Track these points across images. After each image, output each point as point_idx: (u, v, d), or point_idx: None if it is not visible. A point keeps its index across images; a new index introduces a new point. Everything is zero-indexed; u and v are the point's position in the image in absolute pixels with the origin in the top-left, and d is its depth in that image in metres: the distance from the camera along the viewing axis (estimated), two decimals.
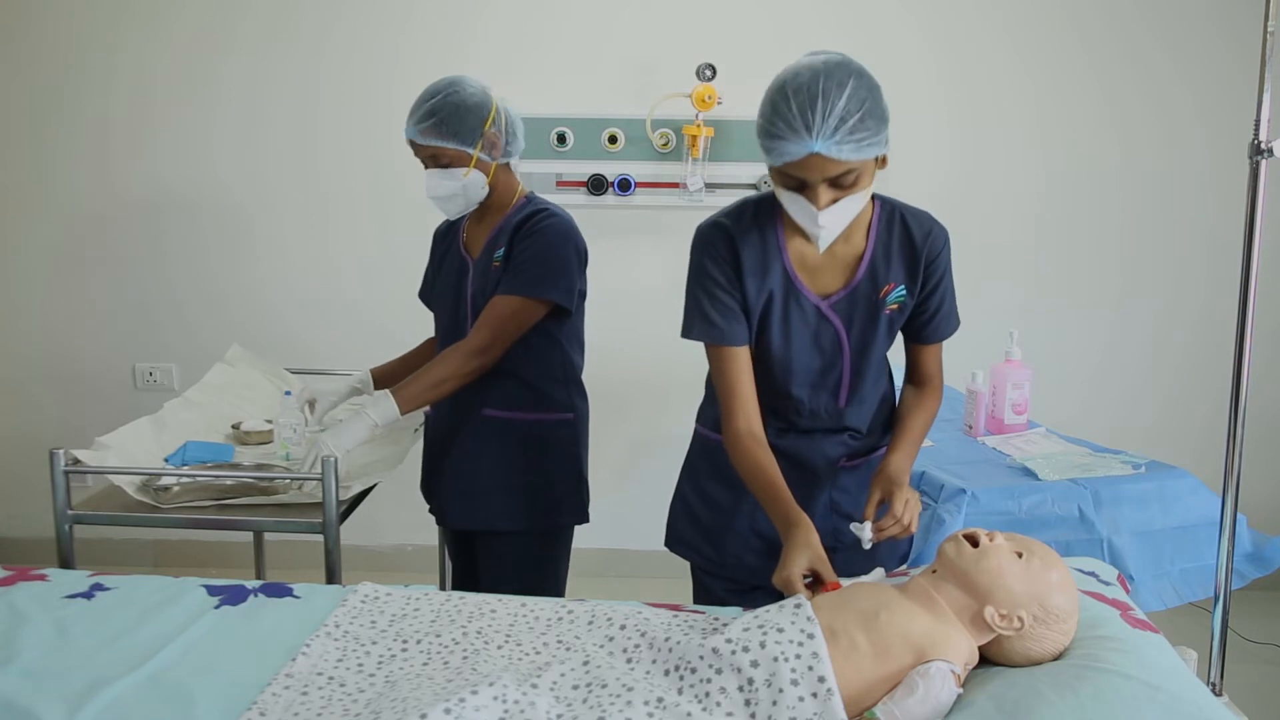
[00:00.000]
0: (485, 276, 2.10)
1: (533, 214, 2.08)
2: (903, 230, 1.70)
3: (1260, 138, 1.92)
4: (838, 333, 1.69)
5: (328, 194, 3.42)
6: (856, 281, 1.68)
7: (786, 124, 1.45)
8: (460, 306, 2.15)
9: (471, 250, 2.17)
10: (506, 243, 2.07)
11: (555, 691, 1.25)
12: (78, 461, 2.01)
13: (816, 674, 1.21)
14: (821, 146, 1.44)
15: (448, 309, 2.19)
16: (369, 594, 1.60)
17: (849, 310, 1.68)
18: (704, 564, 1.86)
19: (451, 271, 2.19)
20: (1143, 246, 3.42)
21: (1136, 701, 1.18)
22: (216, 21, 3.32)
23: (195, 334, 3.46)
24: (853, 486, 1.80)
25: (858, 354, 1.70)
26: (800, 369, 1.70)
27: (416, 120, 2.04)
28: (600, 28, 3.31)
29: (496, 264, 2.08)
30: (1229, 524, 2.01)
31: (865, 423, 1.78)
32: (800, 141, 1.45)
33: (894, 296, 1.69)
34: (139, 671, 1.38)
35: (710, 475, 1.83)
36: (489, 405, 2.11)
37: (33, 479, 2.40)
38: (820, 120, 1.43)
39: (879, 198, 1.71)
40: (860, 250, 1.67)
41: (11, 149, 3.42)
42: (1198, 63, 3.29)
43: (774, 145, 1.48)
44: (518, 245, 2.06)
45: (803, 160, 1.46)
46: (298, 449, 2.27)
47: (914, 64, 3.32)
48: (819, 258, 1.67)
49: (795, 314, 1.68)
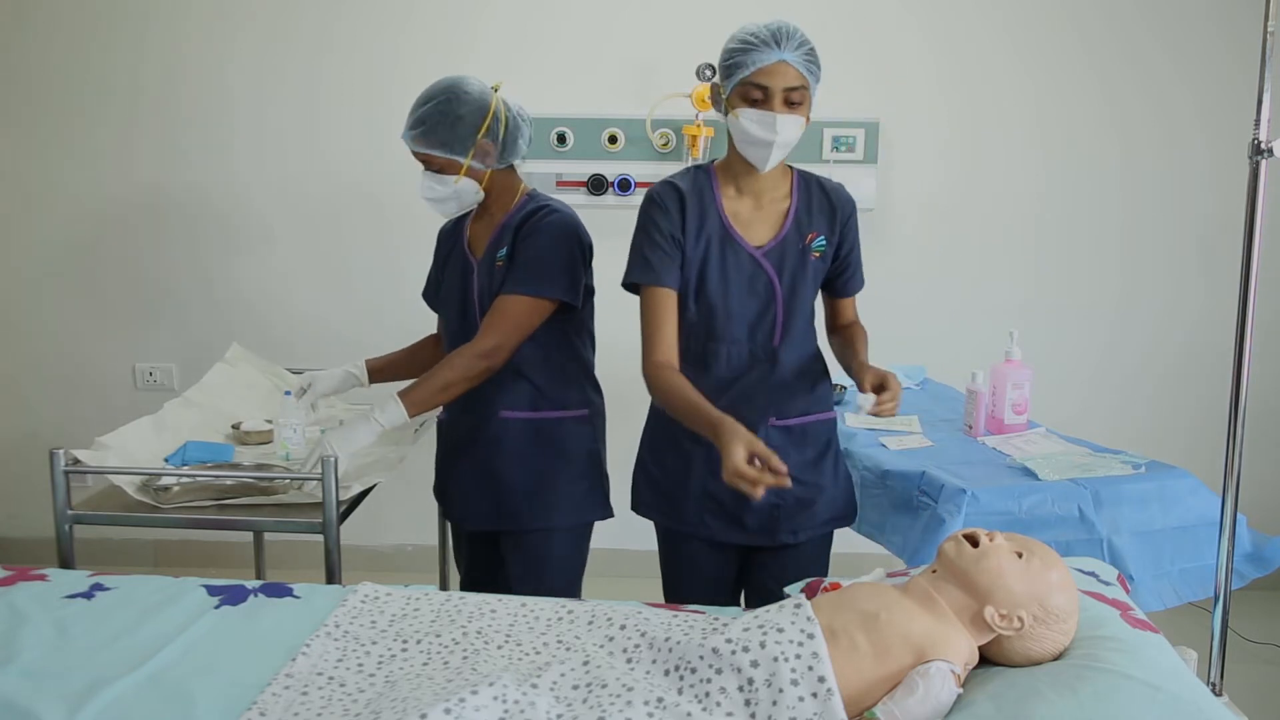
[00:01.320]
0: (490, 276, 2.09)
1: (534, 212, 2.08)
2: (820, 191, 1.96)
3: (1260, 138, 1.92)
4: (770, 279, 1.89)
5: (328, 194, 3.42)
6: (785, 232, 1.91)
7: (760, 40, 1.75)
8: (467, 307, 2.14)
9: (475, 250, 2.17)
10: (509, 241, 2.07)
11: (555, 691, 1.25)
12: (78, 461, 2.01)
13: (816, 674, 1.21)
14: (789, 56, 1.75)
15: (453, 309, 2.18)
16: (369, 594, 1.60)
17: (780, 258, 1.90)
18: (671, 524, 2.00)
19: (456, 271, 2.18)
20: (1142, 246, 3.42)
21: (1136, 701, 1.18)
22: (217, 22, 3.32)
23: (195, 334, 3.46)
24: (789, 446, 1.91)
25: (789, 296, 1.90)
26: (738, 311, 1.89)
27: (409, 126, 2.05)
28: (600, 28, 3.31)
29: (500, 263, 2.08)
30: (1229, 524, 2.00)
31: (794, 365, 1.94)
32: (771, 51, 1.74)
33: (816, 244, 1.92)
34: (139, 671, 1.38)
35: (664, 444, 1.99)
36: (505, 407, 2.10)
37: (33, 479, 2.40)
38: (786, 39, 1.75)
39: (796, 169, 1.97)
40: (786, 207, 1.92)
41: (12, 149, 3.42)
42: (1198, 63, 3.29)
43: (744, 58, 1.76)
44: (520, 244, 2.06)
45: (771, 66, 1.75)
46: (298, 449, 2.27)
47: (914, 64, 3.32)
48: (750, 213, 1.91)
49: (732, 262, 1.89)
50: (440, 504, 2.33)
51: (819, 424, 1.99)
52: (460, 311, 2.16)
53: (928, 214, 3.40)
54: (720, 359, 1.91)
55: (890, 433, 2.42)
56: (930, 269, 3.42)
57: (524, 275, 2.03)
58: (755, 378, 1.91)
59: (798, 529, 1.96)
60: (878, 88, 3.30)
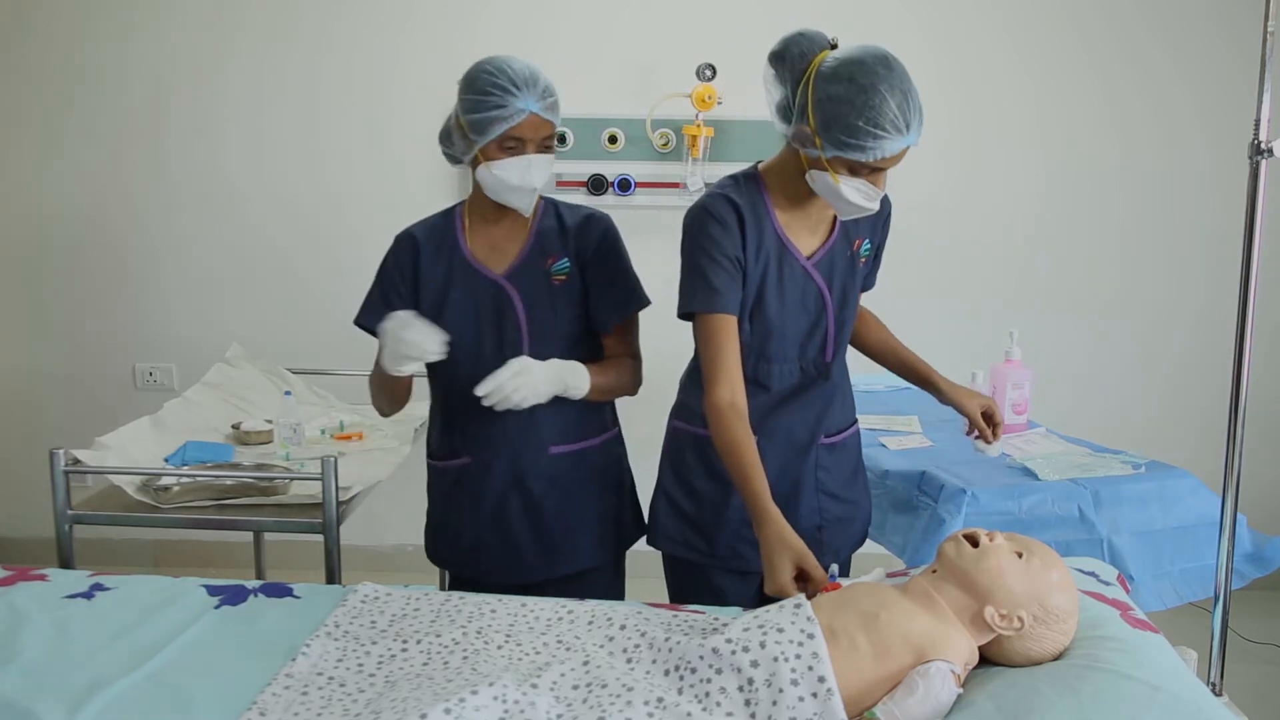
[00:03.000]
0: (549, 293, 1.88)
1: (588, 217, 1.93)
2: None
3: (1260, 138, 1.92)
4: (820, 290, 1.79)
5: (328, 194, 3.42)
6: (833, 240, 1.80)
7: (894, 126, 1.56)
8: (505, 332, 1.87)
9: (489, 263, 1.89)
10: (568, 251, 1.89)
11: (555, 691, 1.25)
12: (78, 461, 2.01)
13: (816, 674, 1.21)
14: (914, 140, 1.59)
15: (470, 334, 1.87)
16: (369, 594, 1.60)
17: (829, 267, 1.80)
18: (698, 557, 1.86)
19: (466, 290, 1.88)
20: (1143, 247, 3.42)
21: (1136, 701, 1.18)
22: (219, 22, 3.32)
23: (195, 334, 3.46)
24: (834, 465, 1.87)
25: (840, 307, 1.82)
26: (793, 329, 1.79)
27: (540, 95, 1.77)
28: (600, 28, 3.31)
29: (561, 278, 1.88)
30: (1229, 524, 2.00)
31: (843, 381, 1.89)
32: (900, 139, 1.57)
33: (863, 250, 1.85)
34: (139, 671, 1.38)
35: (696, 470, 1.84)
36: (555, 442, 1.90)
37: (33, 479, 2.40)
38: (917, 119, 1.58)
39: None
40: (832, 212, 1.78)
41: (12, 149, 3.42)
42: (1198, 63, 3.29)
43: (876, 145, 1.56)
44: (602, 255, 1.90)
45: (899, 154, 1.60)
46: (298, 449, 2.28)
47: (914, 64, 3.26)
48: (800, 222, 1.79)
49: (788, 276, 1.77)
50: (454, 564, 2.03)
51: (853, 436, 1.92)
52: (494, 334, 1.87)
53: (928, 214, 3.40)
54: (773, 379, 1.79)
55: (890, 433, 2.42)
56: (930, 269, 3.42)
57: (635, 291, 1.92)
58: (806, 397, 1.82)
59: (840, 548, 1.88)
60: None
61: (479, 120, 1.75)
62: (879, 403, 2.65)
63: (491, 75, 1.74)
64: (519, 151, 1.77)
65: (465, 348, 1.86)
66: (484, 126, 1.75)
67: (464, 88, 1.78)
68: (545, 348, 1.86)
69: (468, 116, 1.77)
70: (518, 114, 1.74)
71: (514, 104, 1.73)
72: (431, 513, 2.03)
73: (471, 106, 1.76)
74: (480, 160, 1.79)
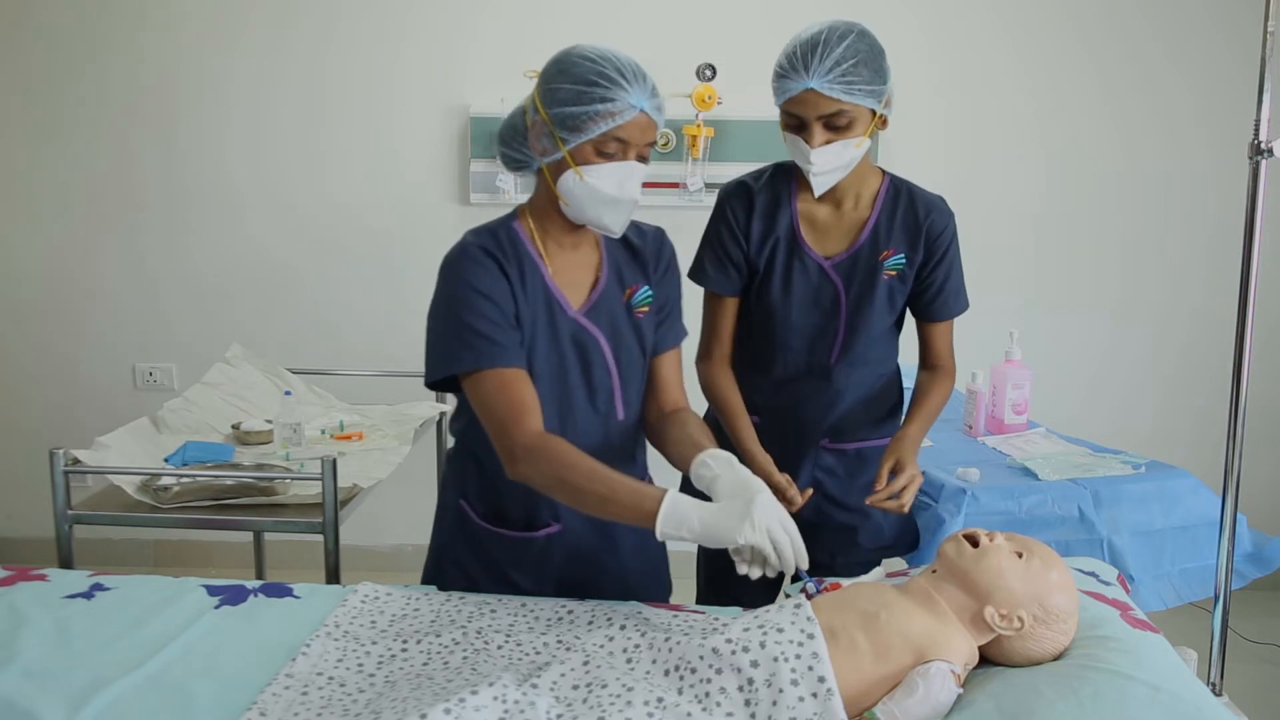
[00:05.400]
0: (634, 330, 1.64)
1: (657, 235, 1.71)
2: (908, 203, 1.81)
3: (1260, 138, 1.92)
4: (838, 292, 1.79)
5: (328, 194, 3.41)
6: (859, 244, 1.79)
7: (790, 64, 1.64)
8: (592, 377, 1.60)
9: (571, 297, 1.60)
10: (651, 276, 1.67)
11: (555, 691, 1.25)
12: (78, 461, 2.01)
13: (816, 674, 1.21)
14: (815, 84, 1.62)
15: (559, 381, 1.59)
16: (369, 594, 1.60)
17: (850, 271, 1.80)
18: None
19: (553, 331, 1.58)
20: (1143, 246, 3.42)
21: (1136, 702, 1.18)
22: (218, 22, 3.32)
23: (195, 334, 3.45)
24: (839, 470, 1.87)
25: (853, 313, 1.80)
26: (799, 323, 1.81)
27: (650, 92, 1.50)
28: (600, 28, 3.30)
29: (644, 310, 1.64)
30: (1229, 524, 2.00)
31: (851, 390, 1.85)
32: (798, 79, 1.63)
33: (892, 262, 1.80)
34: (139, 671, 1.38)
35: None
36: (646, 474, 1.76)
37: (33, 479, 2.40)
38: (816, 62, 1.62)
39: (890, 175, 1.84)
40: (866, 216, 1.80)
41: (11, 148, 3.42)
42: (1198, 63, 3.29)
43: (778, 85, 1.67)
44: (665, 281, 1.69)
45: (798, 96, 1.64)
46: (298, 449, 2.28)
47: (914, 64, 3.31)
48: (828, 220, 1.80)
49: (797, 270, 1.79)
50: None
51: (878, 450, 1.80)
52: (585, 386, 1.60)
53: None
54: (776, 364, 1.84)
55: None
56: None
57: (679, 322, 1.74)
58: (809, 390, 1.84)
59: (837, 552, 1.87)
60: None
61: (577, 115, 1.46)
62: None
63: (595, 63, 1.47)
64: (619, 157, 1.49)
65: (554, 399, 1.57)
66: (582, 123, 1.46)
67: (554, 75, 1.50)
68: (633, 393, 1.65)
69: (560, 110, 1.47)
70: (627, 111, 1.46)
71: (624, 99, 1.46)
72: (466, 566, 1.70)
73: (569, 98, 1.47)
74: (568, 165, 1.49)
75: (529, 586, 1.65)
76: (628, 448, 1.68)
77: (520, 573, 1.66)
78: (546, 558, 1.66)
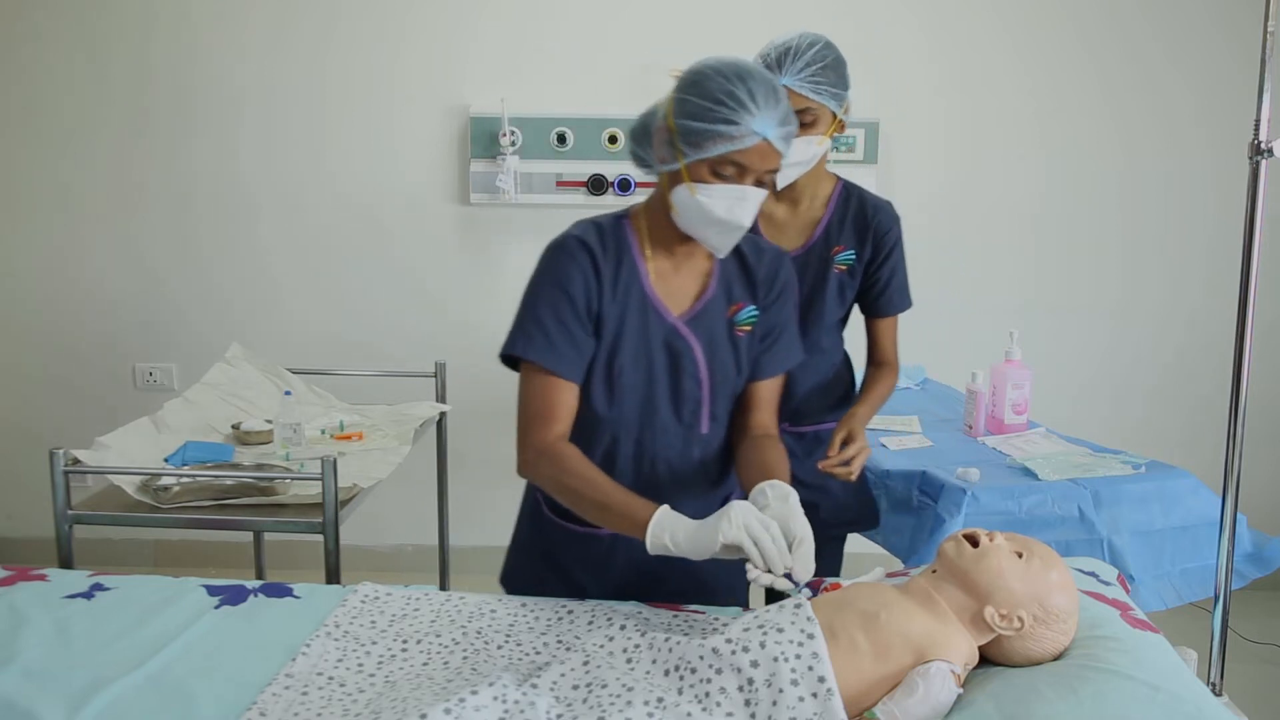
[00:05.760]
0: (732, 347, 1.62)
1: (777, 257, 1.68)
2: (859, 205, 1.96)
3: (1260, 138, 1.92)
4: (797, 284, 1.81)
5: (328, 194, 3.41)
6: (814, 240, 1.95)
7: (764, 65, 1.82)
8: (680, 384, 1.60)
9: (671, 304, 1.60)
10: (758, 295, 1.65)
11: (555, 691, 1.25)
12: (78, 461, 2.01)
13: (816, 674, 1.21)
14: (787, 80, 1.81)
15: (645, 384, 1.59)
16: (369, 594, 1.60)
17: (804, 265, 1.93)
18: None
19: (644, 332, 1.58)
20: (1142, 247, 3.42)
21: (1136, 701, 1.18)
22: (218, 21, 3.32)
23: (195, 334, 3.45)
24: (798, 450, 1.95)
25: (807, 304, 1.92)
26: None
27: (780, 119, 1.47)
28: (600, 28, 3.31)
29: (746, 329, 1.63)
30: (1229, 524, 2.01)
31: (807, 377, 1.96)
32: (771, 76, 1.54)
33: (843, 257, 1.94)
34: (139, 671, 1.37)
35: None
36: None
37: (33, 479, 2.40)
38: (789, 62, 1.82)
39: (843, 180, 1.99)
40: (820, 215, 1.96)
41: (11, 148, 3.42)
42: (1198, 63, 3.29)
43: None
44: (777, 303, 1.66)
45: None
46: (298, 449, 2.28)
47: (914, 64, 3.32)
48: (785, 217, 1.96)
49: None
50: None
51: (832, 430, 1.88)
52: (672, 392, 1.60)
53: (928, 214, 3.39)
54: None
55: (890, 433, 2.42)
56: (930, 269, 3.40)
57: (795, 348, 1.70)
58: None
59: None
60: (878, 88, 3.30)
61: (698, 131, 1.44)
62: None
63: (728, 81, 1.43)
64: (734, 180, 1.46)
65: (638, 403, 1.59)
66: (701, 140, 1.44)
67: (687, 85, 1.47)
68: (721, 409, 1.64)
69: (684, 122, 1.45)
70: (749, 137, 1.43)
71: (748, 124, 1.42)
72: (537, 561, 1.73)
73: (694, 112, 1.44)
74: (683, 178, 1.48)
75: (590, 586, 1.66)
76: (710, 466, 1.66)
77: (582, 570, 1.67)
78: (610, 559, 1.65)
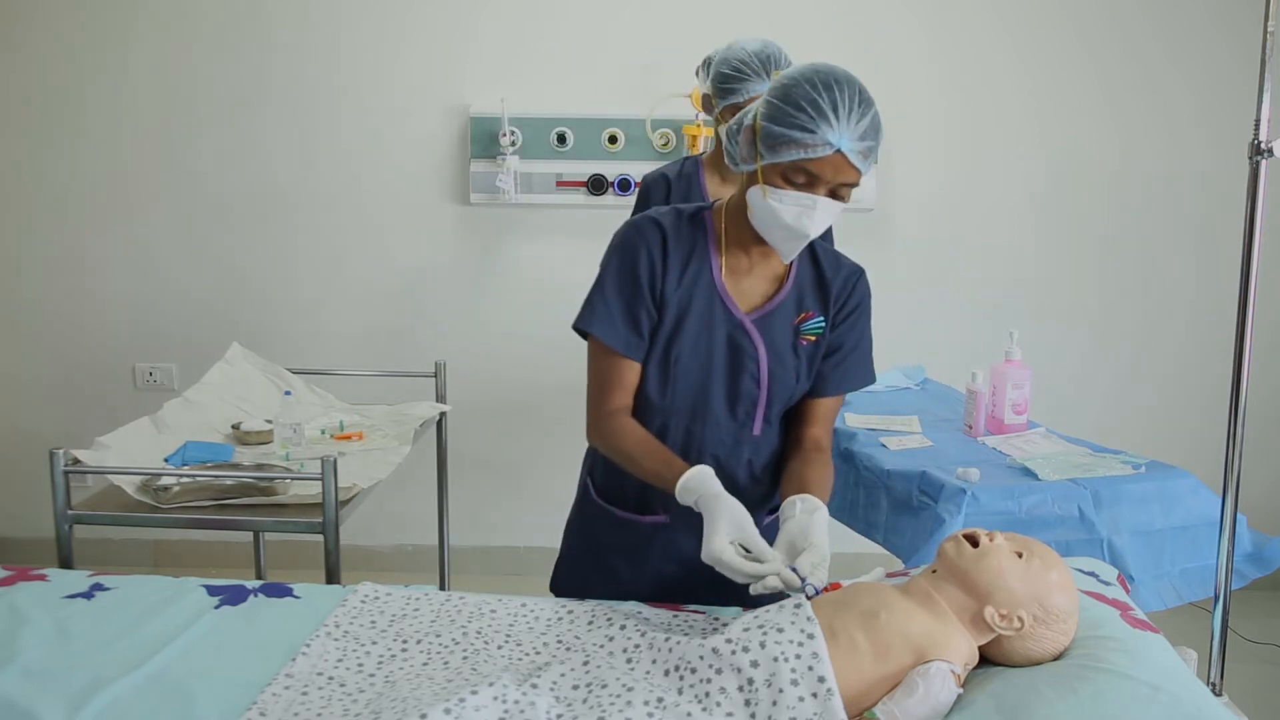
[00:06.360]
0: (787, 348, 1.62)
1: (854, 273, 1.66)
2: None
3: (1260, 138, 1.92)
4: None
5: (328, 194, 3.42)
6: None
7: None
8: (739, 382, 1.61)
9: (740, 301, 1.62)
10: (828, 308, 1.63)
11: (555, 691, 1.25)
12: (78, 461, 2.01)
13: (816, 674, 1.21)
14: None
15: (702, 375, 1.61)
16: (369, 594, 1.60)
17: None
18: None
19: (708, 324, 1.60)
20: (1142, 246, 3.42)
21: (1136, 701, 1.18)
22: (218, 22, 3.32)
23: (195, 334, 3.45)
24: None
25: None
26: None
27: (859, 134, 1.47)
28: (600, 28, 3.31)
29: (811, 338, 1.63)
30: (1229, 524, 2.01)
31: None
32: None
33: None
34: (139, 671, 1.37)
35: None
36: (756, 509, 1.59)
37: (33, 479, 2.40)
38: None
39: None
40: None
41: (11, 148, 3.42)
42: (1198, 63, 3.29)
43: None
44: (850, 320, 1.64)
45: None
46: (298, 449, 2.28)
47: (914, 64, 3.32)
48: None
49: None
50: None
51: None
52: (728, 388, 1.61)
53: (928, 214, 3.40)
54: None
55: (890, 433, 2.42)
56: (930, 269, 3.42)
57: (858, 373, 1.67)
58: None
59: None
60: (878, 87, 3.29)
61: (776, 135, 1.45)
62: (879, 403, 2.65)
63: (812, 90, 1.43)
64: (806, 188, 1.46)
65: (691, 392, 1.60)
66: (777, 144, 1.45)
67: (777, 88, 1.48)
68: (775, 414, 1.64)
69: (767, 125, 1.46)
70: (822, 147, 1.43)
71: (823, 134, 1.42)
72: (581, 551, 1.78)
73: (776, 115, 1.45)
74: (759, 179, 1.49)
75: (627, 574, 1.70)
76: (761, 476, 1.66)
77: (621, 557, 1.71)
78: (649, 548, 1.69)
